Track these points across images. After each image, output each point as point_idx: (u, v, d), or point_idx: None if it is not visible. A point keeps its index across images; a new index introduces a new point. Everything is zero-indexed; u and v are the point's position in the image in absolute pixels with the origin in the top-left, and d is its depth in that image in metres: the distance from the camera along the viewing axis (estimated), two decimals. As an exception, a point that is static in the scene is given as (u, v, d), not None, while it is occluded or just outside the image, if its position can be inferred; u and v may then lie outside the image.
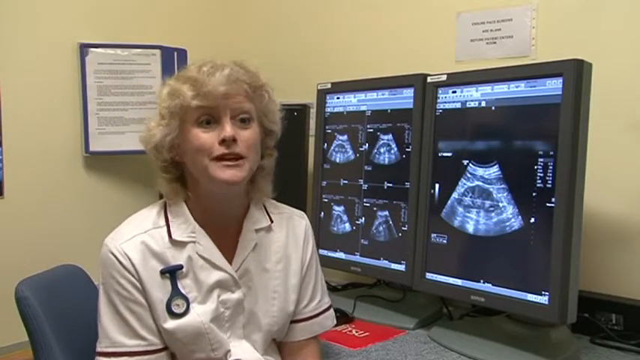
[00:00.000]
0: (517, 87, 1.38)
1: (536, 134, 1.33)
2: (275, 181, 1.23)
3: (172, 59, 2.17)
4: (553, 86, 1.31)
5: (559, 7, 1.65)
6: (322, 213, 1.86)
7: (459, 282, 1.47)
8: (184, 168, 1.14)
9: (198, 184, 1.12)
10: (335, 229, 1.83)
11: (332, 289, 1.94)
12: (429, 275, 1.54)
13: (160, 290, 1.09)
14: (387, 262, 1.67)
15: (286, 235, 1.23)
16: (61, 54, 2.03)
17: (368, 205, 1.74)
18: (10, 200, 1.91)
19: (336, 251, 1.81)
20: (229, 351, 1.13)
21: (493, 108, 1.43)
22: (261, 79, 1.14)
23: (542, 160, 1.31)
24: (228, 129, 1.06)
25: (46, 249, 1.93)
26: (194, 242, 1.13)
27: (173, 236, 1.12)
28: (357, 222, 1.77)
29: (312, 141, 1.98)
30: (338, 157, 1.83)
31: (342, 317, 1.60)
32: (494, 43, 1.78)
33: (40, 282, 1.22)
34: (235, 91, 1.08)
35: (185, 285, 1.11)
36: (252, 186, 1.18)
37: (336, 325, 1.53)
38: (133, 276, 1.08)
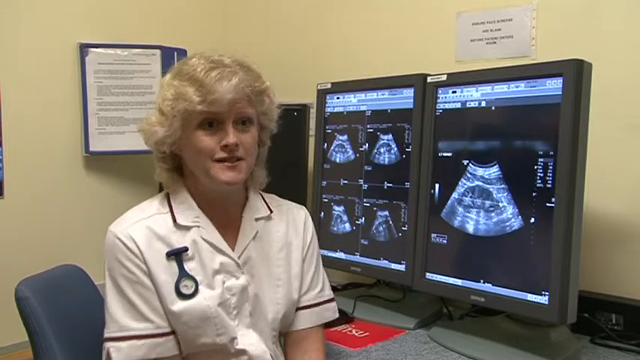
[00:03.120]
0: (517, 87, 1.38)
1: (536, 134, 1.33)
2: (276, 180, 1.26)
3: (172, 59, 2.17)
4: (553, 86, 1.31)
5: (559, 7, 1.65)
6: (322, 213, 1.86)
7: (458, 282, 1.47)
8: (182, 159, 1.17)
9: (196, 177, 1.15)
10: (335, 229, 1.83)
11: (332, 289, 1.94)
12: (429, 275, 1.54)
13: (166, 273, 1.10)
14: (387, 262, 1.67)
15: (286, 225, 1.25)
16: (61, 54, 2.04)
17: (368, 205, 1.74)
18: (10, 200, 1.91)
19: (336, 251, 1.81)
20: (235, 338, 1.14)
21: (493, 108, 1.43)
22: (264, 83, 1.16)
23: (542, 160, 1.31)
24: (231, 136, 1.09)
25: (46, 249, 1.94)
26: (198, 227, 1.15)
27: (177, 221, 1.14)
28: (357, 222, 1.77)
29: (312, 141, 1.98)
30: (338, 157, 1.83)
31: (342, 317, 1.60)
32: (494, 43, 1.78)
33: (40, 282, 1.22)
34: (240, 97, 1.10)
35: (191, 268, 1.12)
36: (249, 176, 1.20)
37: (336, 325, 1.54)
38: (138, 258, 1.09)
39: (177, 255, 1.12)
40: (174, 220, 1.14)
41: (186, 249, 1.12)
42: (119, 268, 1.09)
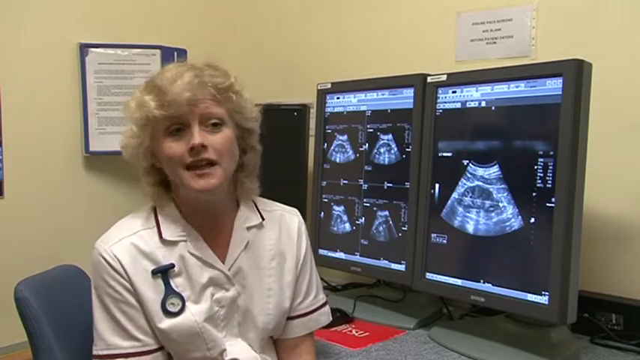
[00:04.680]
0: (517, 87, 1.38)
1: (536, 134, 1.33)
2: (276, 181, 1.24)
3: (172, 59, 2.13)
4: (553, 86, 1.31)
5: (559, 7, 1.65)
6: (322, 213, 1.86)
7: (458, 282, 1.47)
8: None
9: (180, 188, 1.13)
10: (335, 229, 1.83)
11: (332, 289, 1.94)
12: (429, 275, 1.54)
13: (152, 290, 1.09)
14: (387, 262, 1.67)
15: (279, 233, 1.23)
16: (61, 54, 2.04)
17: (368, 205, 1.74)
18: (10, 200, 1.91)
19: (336, 251, 1.81)
20: (225, 350, 1.13)
21: (493, 108, 1.43)
22: (229, 79, 1.11)
23: (542, 160, 1.31)
24: (196, 136, 1.05)
25: (46, 249, 1.94)
26: (185, 241, 1.13)
27: (164, 236, 1.12)
28: (357, 222, 1.77)
29: (312, 141, 1.98)
30: (338, 157, 1.83)
31: (342, 317, 1.60)
32: (494, 43, 1.77)
33: (39, 282, 1.22)
34: (202, 96, 1.07)
35: (178, 284, 1.11)
36: (236, 185, 1.18)
37: (336, 325, 1.54)
38: (123, 278, 1.08)
39: (163, 272, 1.10)
40: (160, 236, 1.12)
41: (172, 266, 1.11)
42: (105, 287, 1.09)
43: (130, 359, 1.08)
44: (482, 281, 1.42)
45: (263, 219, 1.22)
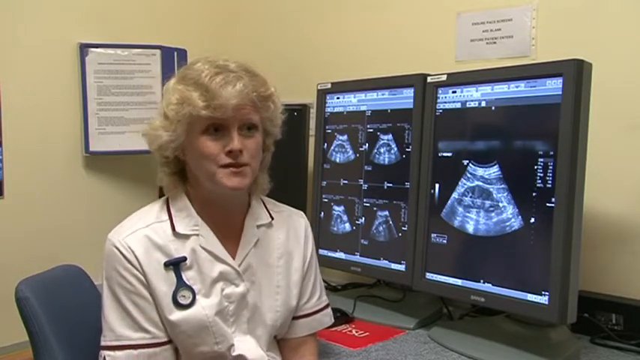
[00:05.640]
0: (517, 87, 1.38)
1: (536, 134, 1.34)
2: (275, 181, 1.26)
3: (172, 59, 2.17)
4: (553, 86, 1.31)
5: (559, 7, 1.65)
6: (322, 213, 1.86)
7: (458, 282, 1.47)
8: (186, 164, 1.16)
9: (199, 181, 1.14)
10: (335, 229, 1.83)
11: (332, 289, 1.94)
12: (429, 275, 1.54)
13: (164, 283, 1.10)
14: (387, 262, 1.67)
15: (287, 233, 1.25)
16: (61, 54, 2.03)
17: (368, 205, 1.74)
18: (10, 200, 1.91)
19: (336, 251, 1.81)
20: (233, 345, 1.14)
21: (493, 108, 1.43)
22: (269, 89, 1.14)
23: (542, 160, 1.31)
24: (236, 142, 1.08)
25: (46, 249, 1.93)
26: (197, 235, 1.14)
27: (176, 229, 1.13)
28: (357, 222, 1.77)
29: (312, 141, 1.98)
30: (338, 157, 1.83)
31: (342, 317, 1.60)
32: (494, 43, 1.78)
33: (40, 282, 1.22)
34: (244, 102, 1.09)
35: (189, 277, 1.12)
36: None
37: (336, 325, 1.54)
38: (136, 269, 1.09)
39: (175, 265, 1.11)
40: (173, 229, 1.14)
41: (184, 259, 1.12)
42: (117, 277, 1.09)
43: (139, 351, 1.09)
44: (482, 281, 1.42)
45: (272, 218, 1.24)
